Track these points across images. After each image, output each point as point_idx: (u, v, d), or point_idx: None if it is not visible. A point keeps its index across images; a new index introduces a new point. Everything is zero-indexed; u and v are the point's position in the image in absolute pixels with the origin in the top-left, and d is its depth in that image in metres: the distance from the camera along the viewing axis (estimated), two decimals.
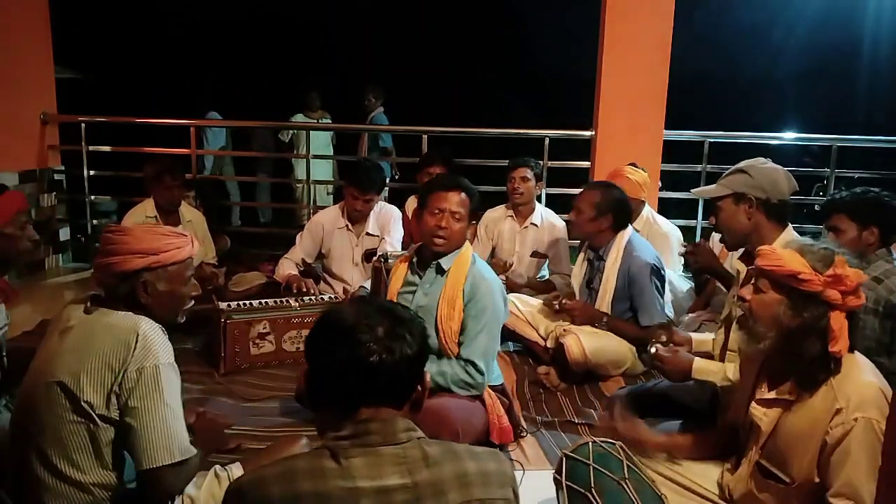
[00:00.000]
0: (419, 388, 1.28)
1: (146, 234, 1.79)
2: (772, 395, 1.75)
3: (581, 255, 3.46)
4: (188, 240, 1.85)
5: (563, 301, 3.30)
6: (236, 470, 1.85)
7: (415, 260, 2.66)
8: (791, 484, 1.68)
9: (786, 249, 1.71)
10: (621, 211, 3.24)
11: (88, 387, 1.62)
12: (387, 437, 1.19)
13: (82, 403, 1.62)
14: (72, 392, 1.62)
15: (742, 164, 2.51)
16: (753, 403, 1.79)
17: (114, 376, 1.62)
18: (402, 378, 1.24)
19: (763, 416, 1.75)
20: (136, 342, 1.64)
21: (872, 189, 2.70)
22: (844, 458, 1.57)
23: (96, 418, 1.63)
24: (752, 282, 1.77)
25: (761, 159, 2.54)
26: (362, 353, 1.20)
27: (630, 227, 3.32)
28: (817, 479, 1.64)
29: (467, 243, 2.60)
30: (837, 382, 1.63)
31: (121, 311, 1.72)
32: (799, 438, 1.66)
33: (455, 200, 2.50)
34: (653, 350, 2.44)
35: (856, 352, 1.69)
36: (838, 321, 1.62)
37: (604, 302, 3.25)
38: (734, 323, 2.26)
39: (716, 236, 3.60)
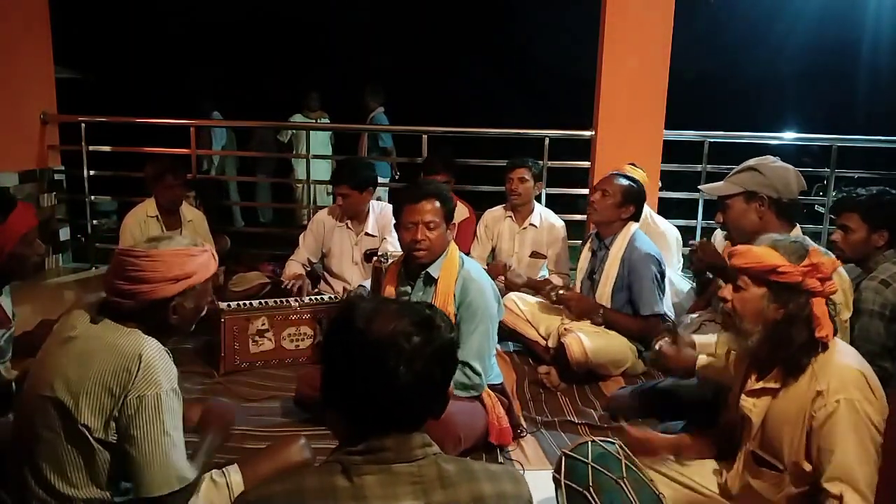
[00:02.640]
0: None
1: (176, 258, 1.70)
2: (759, 385, 1.78)
3: (586, 247, 3.48)
4: (210, 254, 1.80)
5: (560, 292, 3.32)
6: (234, 474, 1.84)
7: (402, 271, 2.65)
8: (784, 470, 1.70)
9: (759, 246, 1.76)
10: (640, 205, 3.33)
11: (87, 409, 1.57)
12: (402, 454, 1.12)
13: (79, 426, 1.58)
14: (69, 413, 1.58)
15: (752, 162, 2.50)
16: (743, 395, 1.82)
17: (113, 401, 1.58)
18: (435, 398, 1.18)
19: (753, 406, 1.78)
20: (139, 369, 1.58)
21: (889, 190, 2.66)
22: (833, 442, 1.59)
23: (93, 441, 1.59)
24: (732, 282, 1.81)
25: (770, 157, 2.53)
26: (394, 379, 1.10)
27: (635, 222, 3.35)
28: (807, 466, 1.65)
29: (453, 245, 2.58)
30: (819, 366, 1.68)
31: (128, 329, 1.66)
32: (786, 424, 1.70)
33: (426, 210, 2.47)
34: (657, 346, 2.43)
35: (837, 337, 1.74)
36: (821, 307, 1.68)
37: (605, 290, 3.27)
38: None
39: (717, 235, 3.60)
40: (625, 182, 3.31)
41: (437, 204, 2.50)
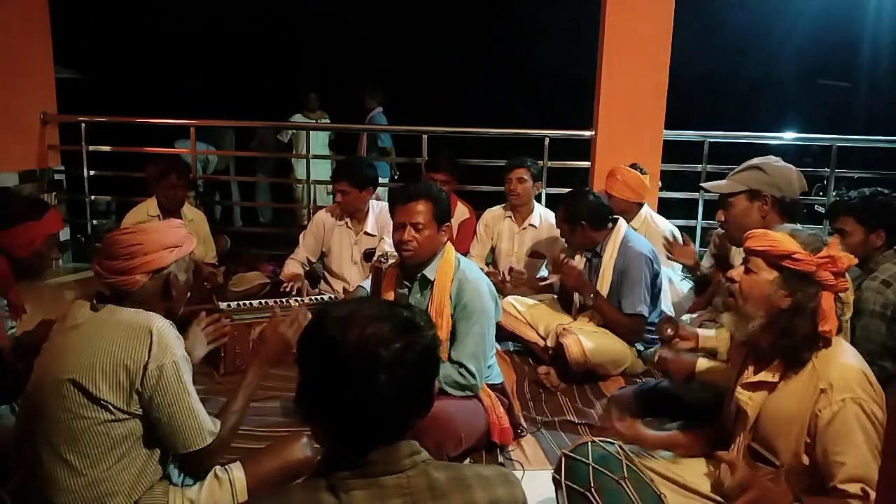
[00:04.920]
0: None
1: (165, 228, 1.82)
2: (757, 378, 1.77)
3: (579, 254, 3.47)
4: (186, 229, 1.90)
5: (566, 259, 3.34)
6: (236, 471, 1.86)
7: (400, 272, 2.66)
8: (781, 466, 1.69)
9: (777, 232, 1.74)
10: (593, 213, 3.29)
11: (104, 385, 1.62)
12: (389, 466, 1.08)
13: (100, 401, 1.62)
14: (87, 390, 1.62)
15: (756, 161, 2.50)
16: (739, 388, 1.80)
17: (132, 375, 1.63)
18: (420, 403, 1.13)
19: (749, 399, 1.77)
20: (152, 340, 1.65)
21: (881, 190, 2.67)
22: (845, 443, 1.57)
23: (115, 412, 1.64)
24: (743, 263, 1.79)
25: (773, 157, 2.54)
26: (375, 390, 1.05)
27: (624, 223, 3.34)
28: (806, 461, 1.65)
29: (449, 246, 2.58)
30: (820, 364, 1.66)
31: (130, 308, 1.72)
32: (785, 420, 1.68)
33: (415, 211, 2.47)
34: (657, 354, 2.42)
35: (840, 336, 1.73)
36: (828, 301, 1.66)
37: None
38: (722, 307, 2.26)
39: (717, 236, 3.60)
40: (561, 211, 3.35)
41: (427, 205, 2.48)
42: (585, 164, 4.82)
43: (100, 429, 1.64)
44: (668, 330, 2.56)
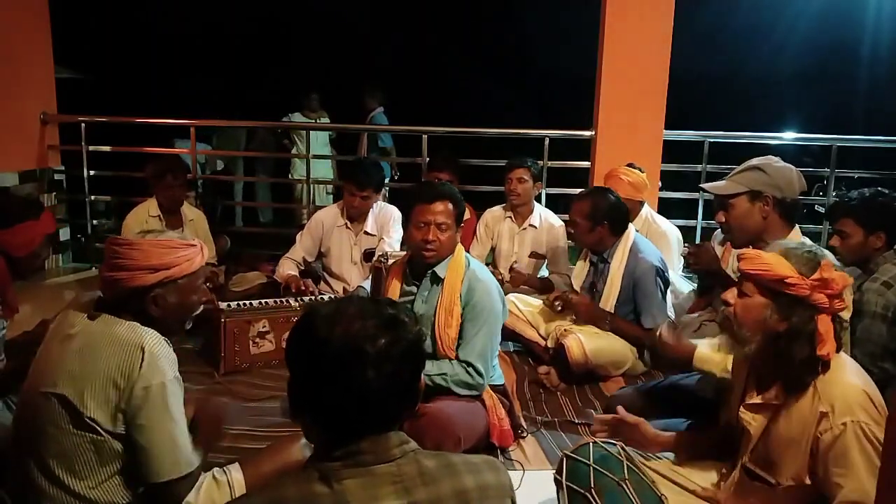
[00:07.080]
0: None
1: (155, 248, 1.70)
2: (759, 399, 1.74)
3: (584, 259, 3.46)
4: (198, 249, 1.79)
5: (570, 296, 3.30)
6: (235, 472, 1.84)
7: (408, 270, 2.65)
8: (777, 486, 1.68)
9: (770, 253, 1.69)
10: (616, 215, 3.24)
11: (92, 403, 1.59)
12: (380, 456, 1.11)
13: (86, 419, 1.59)
14: (74, 407, 1.59)
15: (755, 162, 2.49)
16: (742, 408, 1.78)
17: (119, 394, 1.59)
18: (407, 397, 1.16)
19: (752, 420, 1.74)
20: (143, 360, 1.60)
21: (882, 191, 2.66)
22: (845, 466, 1.55)
23: (102, 432, 1.60)
24: (737, 285, 1.75)
25: (773, 157, 2.53)
26: (362, 385, 1.09)
27: (632, 228, 3.32)
28: (808, 482, 1.62)
29: (460, 246, 2.59)
30: (822, 385, 1.62)
31: (126, 321, 1.67)
32: (788, 443, 1.66)
33: (439, 211, 2.48)
34: (658, 331, 2.41)
35: (841, 353, 1.69)
36: (825, 324, 1.61)
37: (608, 304, 3.25)
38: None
39: (716, 237, 3.60)
40: (586, 203, 3.23)
41: (450, 206, 2.50)
42: (585, 164, 4.82)
43: (89, 446, 1.61)
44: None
